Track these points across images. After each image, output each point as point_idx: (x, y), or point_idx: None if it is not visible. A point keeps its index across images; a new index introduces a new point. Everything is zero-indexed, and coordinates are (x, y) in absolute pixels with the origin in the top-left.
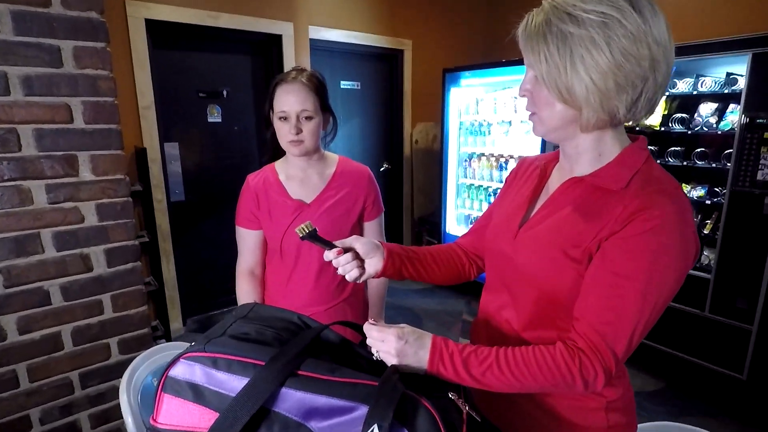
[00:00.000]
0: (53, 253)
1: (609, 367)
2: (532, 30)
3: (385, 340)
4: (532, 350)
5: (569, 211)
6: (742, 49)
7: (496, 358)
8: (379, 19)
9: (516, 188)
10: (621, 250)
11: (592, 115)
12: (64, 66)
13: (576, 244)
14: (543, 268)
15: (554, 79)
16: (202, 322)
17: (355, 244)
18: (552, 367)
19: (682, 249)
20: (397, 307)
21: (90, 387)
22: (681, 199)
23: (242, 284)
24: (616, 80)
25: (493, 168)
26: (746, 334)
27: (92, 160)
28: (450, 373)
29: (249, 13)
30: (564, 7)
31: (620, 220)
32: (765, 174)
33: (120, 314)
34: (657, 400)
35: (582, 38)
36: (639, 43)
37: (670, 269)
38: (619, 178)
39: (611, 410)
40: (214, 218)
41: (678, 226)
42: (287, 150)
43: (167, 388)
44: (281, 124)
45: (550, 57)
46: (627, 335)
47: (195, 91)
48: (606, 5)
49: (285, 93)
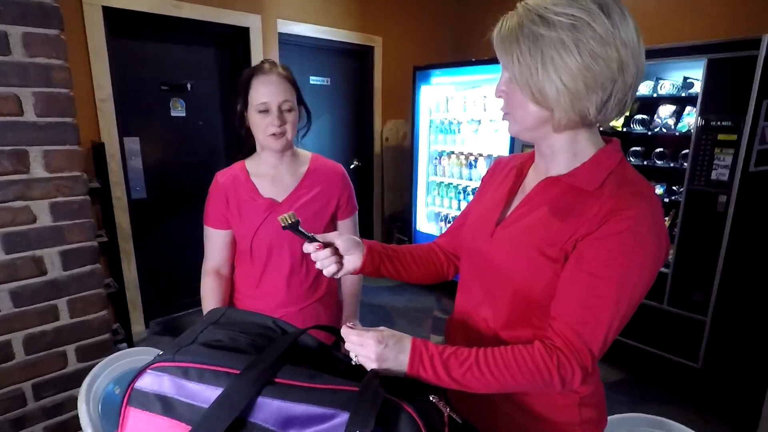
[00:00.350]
0: (1, 256)
1: (585, 365)
2: (506, 32)
3: (364, 344)
4: (511, 350)
5: (545, 210)
6: (699, 55)
7: (476, 360)
8: (349, 14)
9: (492, 188)
10: (597, 250)
11: (563, 116)
12: (12, 53)
13: (552, 243)
14: (519, 267)
15: (526, 80)
16: (166, 325)
17: (336, 240)
18: (531, 367)
19: (656, 248)
20: (367, 304)
21: (45, 398)
22: (654, 200)
23: (206, 282)
24: (585, 81)
25: (463, 166)
26: (701, 325)
27: (45, 155)
28: (430, 375)
29: (214, 3)
30: (536, 9)
31: (596, 220)
32: (719, 173)
33: (78, 320)
34: (619, 390)
35: (552, 40)
36: (607, 46)
37: (644, 268)
38: (593, 178)
39: (584, 405)
40: (178, 216)
41: (652, 226)
42: (266, 144)
43: (133, 401)
44: (260, 117)
45: (521, 58)
46: (603, 333)
47: (158, 83)
48: (576, 8)
49: (264, 84)
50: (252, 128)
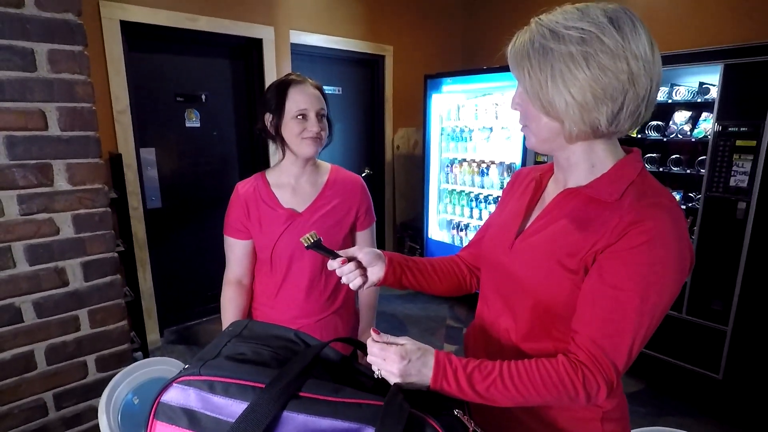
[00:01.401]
0: (25, 268)
1: (611, 379)
2: (518, 47)
3: (387, 359)
4: (535, 364)
5: (565, 222)
6: (715, 60)
7: (500, 373)
8: (360, 24)
9: (513, 199)
10: (617, 263)
11: (574, 127)
12: (38, 70)
13: (571, 254)
14: (539, 278)
15: (536, 93)
16: (180, 333)
17: (357, 254)
18: (556, 382)
19: (678, 260)
20: (380, 313)
21: (66, 408)
22: (675, 211)
23: (227, 292)
24: (594, 93)
25: (475, 173)
26: (721, 335)
27: (68, 168)
28: (453, 389)
29: (228, 16)
30: (547, 24)
31: (616, 232)
32: (737, 180)
33: (98, 330)
34: (638, 401)
35: (562, 54)
36: (617, 58)
37: (666, 280)
38: (612, 190)
39: (607, 420)
40: (193, 225)
41: (673, 239)
42: (301, 149)
43: (159, 414)
44: (297, 122)
45: (532, 72)
46: (627, 348)
47: (172, 95)
48: (586, 22)
49: (301, 93)
50: (286, 136)
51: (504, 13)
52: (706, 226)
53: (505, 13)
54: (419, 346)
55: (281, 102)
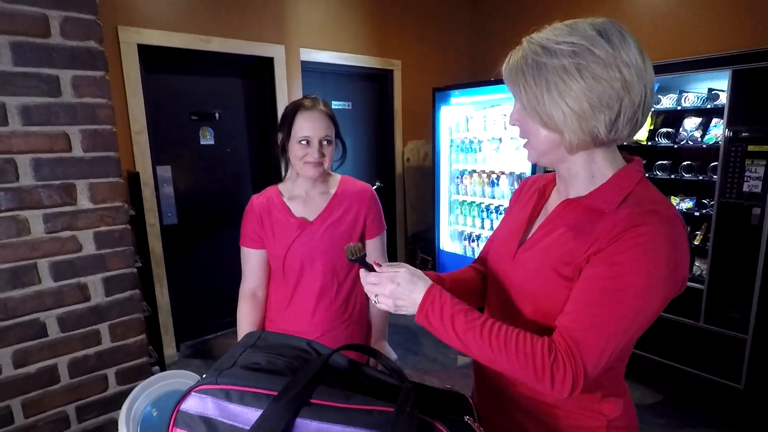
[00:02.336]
0: (50, 284)
1: (578, 376)
2: (512, 65)
3: (381, 283)
4: (516, 331)
5: (562, 230)
6: (723, 66)
7: (482, 324)
8: (368, 40)
9: (517, 209)
10: (607, 265)
11: (574, 137)
12: (62, 95)
13: (567, 263)
14: (538, 287)
15: (534, 107)
16: (197, 348)
17: None
18: (528, 353)
19: (669, 271)
20: (393, 325)
21: (87, 420)
22: (672, 219)
23: (243, 306)
24: (590, 102)
25: (485, 184)
26: (741, 344)
27: (90, 188)
28: (437, 322)
29: (240, 36)
30: (538, 41)
31: (608, 237)
32: (751, 185)
33: (118, 344)
34: (657, 412)
35: (555, 67)
36: (609, 67)
37: (652, 288)
38: (611, 199)
39: (612, 428)
40: (208, 240)
41: (666, 247)
42: (303, 171)
43: (179, 422)
44: (300, 147)
45: (527, 87)
46: (599, 347)
47: (187, 114)
48: (576, 37)
49: (307, 120)
50: (291, 157)
51: (510, 25)
52: (721, 232)
53: (512, 25)
54: (413, 273)
55: (290, 125)
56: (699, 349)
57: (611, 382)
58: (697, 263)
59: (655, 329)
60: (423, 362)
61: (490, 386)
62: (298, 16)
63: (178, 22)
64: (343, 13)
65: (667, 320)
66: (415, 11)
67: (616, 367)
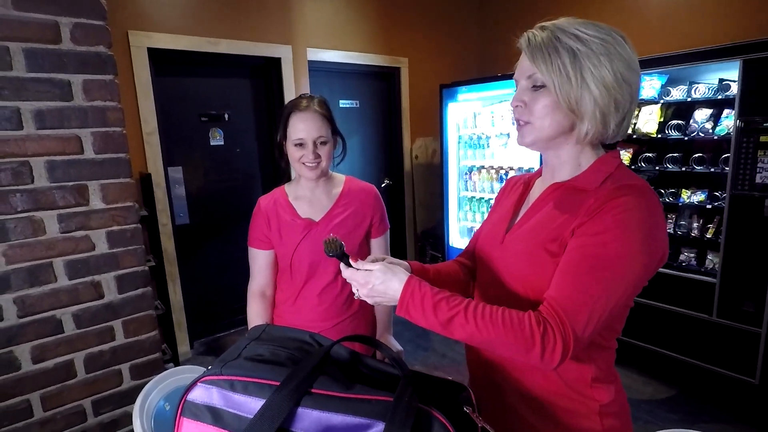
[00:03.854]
0: (65, 282)
1: (567, 342)
2: (542, 42)
3: (358, 282)
4: (502, 309)
5: (548, 209)
6: (733, 56)
7: (465, 307)
8: (375, 38)
9: (503, 202)
10: (588, 235)
11: (591, 128)
12: (74, 99)
13: (554, 238)
14: (526, 265)
15: (566, 90)
16: (209, 345)
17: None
18: (516, 326)
19: (646, 240)
20: (402, 322)
21: (103, 414)
22: (647, 193)
23: (252, 305)
24: (615, 98)
25: (494, 180)
26: (755, 337)
27: (102, 188)
28: (418, 314)
29: (248, 38)
30: (569, 28)
31: (590, 210)
32: (764, 177)
33: (131, 340)
34: (670, 407)
35: (588, 55)
36: (631, 70)
37: (632, 254)
38: (593, 179)
39: (605, 414)
40: (219, 240)
41: (642, 217)
42: (302, 173)
43: (186, 412)
44: (296, 149)
45: (563, 68)
46: (586, 313)
47: (197, 115)
48: (604, 33)
49: (300, 121)
50: (289, 158)
51: (516, 21)
52: (733, 225)
53: (518, 21)
54: (387, 270)
55: (285, 127)
56: (712, 343)
57: (602, 367)
58: (709, 257)
59: (668, 324)
60: (433, 357)
61: (482, 373)
62: (305, 16)
63: (187, 25)
64: (349, 12)
65: (679, 315)
66: (421, 8)
67: (606, 351)
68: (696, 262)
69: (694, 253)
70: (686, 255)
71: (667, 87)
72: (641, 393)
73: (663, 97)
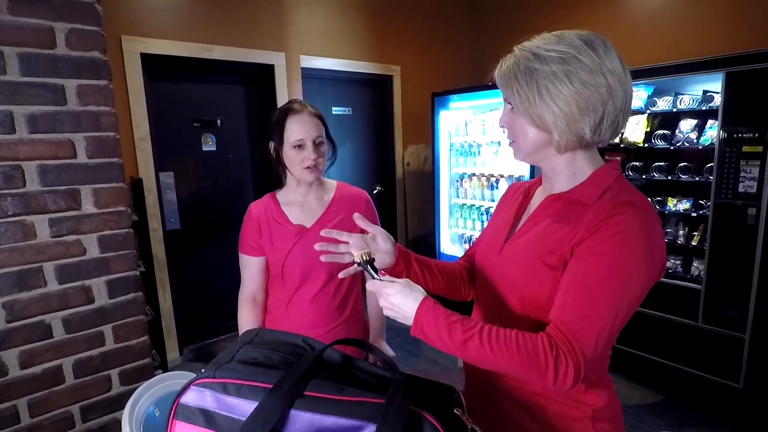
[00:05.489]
0: (55, 286)
1: (579, 365)
2: (505, 71)
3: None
4: (515, 332)
5: (547, 222)
6: (717, 69)
7: (480, 330)
8: (368, 46)
9: (504, 209)
10: (589, 254)
11: (562, 138)
12: (68, 104)
13: (551, 252)
14: (524, 277)
15: (526, 109)
16: (199, 351)
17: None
18: (530, 351)
19: (647, 256)
20: (395, 328)
21: (91, 420)
22: (646, 208)
23: (243, 312)
24: (579, 105)
25: (485, 187)
26: (740, 343)
27: (94, 193)
28: (432, 335)
29: (242, 44)
30: (529, 48)
31: (590, 226)
32: (746, 186)
33: (121, 345)
34: (657, 413)
35: (545, 73)
36: (595, 74)
37: (635, 272)
38: (591, 192)
39: (597, 419)
40: (210, 246)
41: (642, 234)
42: (302, 176)
43: (179, 414)
44: (296, 152)
45: (520, 90)
46: (594, 335)
47: (190, 120)
48: (564, 45)
49: (298, 123)
50: (287, 163)
51: (508, 32)
52: (718, 233)
53: (510, 32)
54: (405, 286)
55: (281, 131)
56: (698, 349)
57: (596, 374)
58: (695, 264)
59: (655, 330)
60: (424, 364)
61: (477, 378)
62: (298, 23)
63: (181, 31)
64: (342, 20)
65: (665, 321)
66: (414, 17)
67: (600, 358)
68: (682, 269)
69: (680, 260)
70: (672, 262)
71: (653, 98)
72: (629, 398)
73: (649, 107)
